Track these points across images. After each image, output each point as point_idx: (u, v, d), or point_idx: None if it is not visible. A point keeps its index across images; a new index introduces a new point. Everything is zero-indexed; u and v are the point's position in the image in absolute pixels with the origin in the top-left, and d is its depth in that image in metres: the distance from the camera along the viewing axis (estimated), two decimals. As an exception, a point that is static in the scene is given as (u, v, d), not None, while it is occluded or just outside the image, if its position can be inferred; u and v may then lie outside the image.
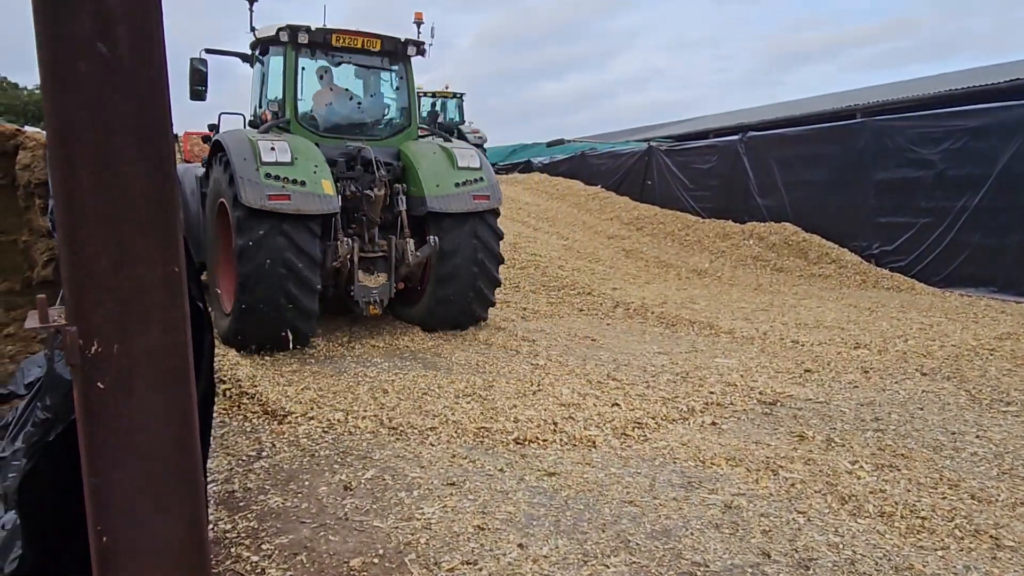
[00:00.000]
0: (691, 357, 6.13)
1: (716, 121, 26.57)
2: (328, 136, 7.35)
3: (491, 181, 7.27)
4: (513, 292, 9.52)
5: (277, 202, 5.98)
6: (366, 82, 8.01)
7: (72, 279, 1.47)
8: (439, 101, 20.20)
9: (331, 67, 7.61)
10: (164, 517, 1.64)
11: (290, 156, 6.26)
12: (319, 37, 7.11)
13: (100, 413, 1.52)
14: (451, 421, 4.34)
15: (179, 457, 1.63)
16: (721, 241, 12.72)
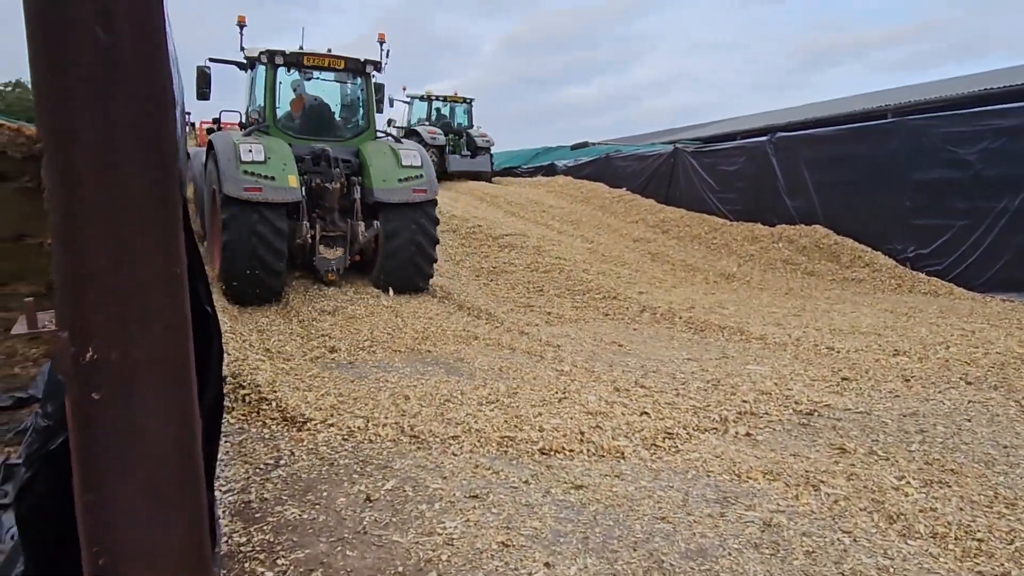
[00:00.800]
0: (722, 364, 5.93)
1: (743, 123, 26.22)
2: (300, 137, 9.03)
3: (429, 177, 8.91)
4: (537, 296, 9.38)
5: (251, 193, 7.63)
6: (332, 93, 9.86)
7: (67, 281, 1.35)
8: (448, 106, 20.60)
9: (303, 81, 9.47)
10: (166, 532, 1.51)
11: (264, 156, 7.90)
12: (293, 59, 9.01)
13: (96, 425, 1.39)
14: (474, 430, 4.20)
15: (181, 468, 1.51)
16: (749, 244, 12.47)
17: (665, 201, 15.43)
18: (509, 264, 10.72)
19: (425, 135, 18.03)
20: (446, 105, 20.52)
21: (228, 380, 5.16)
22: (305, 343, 6.75)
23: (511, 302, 9.07)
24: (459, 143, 19.46)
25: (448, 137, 19.06)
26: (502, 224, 12.81)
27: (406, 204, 8.64)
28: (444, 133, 18.92)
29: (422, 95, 20.20)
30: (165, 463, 1.49)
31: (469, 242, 11.84)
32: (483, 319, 7.99)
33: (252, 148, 7.90)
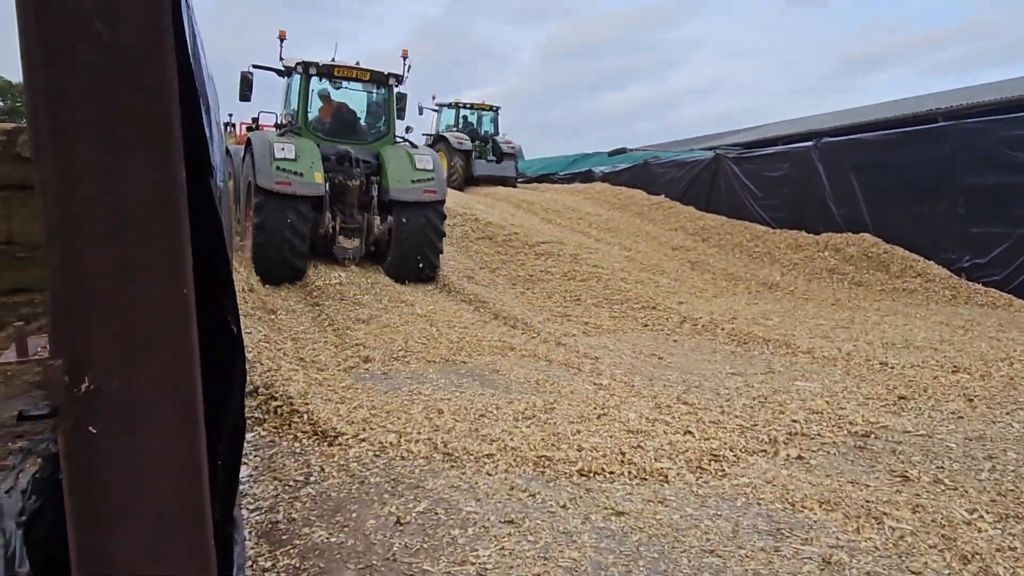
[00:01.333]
0: (768, 379, 5.67)
1: (785, 128, 25.69)
2: (327, 139, 10.15)
3: (440, 180, 10.00)
4: (574, 305, 9.19)
5: (281, 186, 8.72)
6: (358, 101, 11.00)
7: (65, 304, 1.23)
8: (476, 114, 21.08)
9: (332, 90, 10.58)
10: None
11: (294, 155, 8.95)
12: (324, 69, 10.10)
13: (94, 462, 1.27)
14: (509, 447, 4.03)
15: (189, 508, 1.37)
16: (793, 253, 12.10)
17: (705, 208, 15.11)
18: (545, 272, 10.55)
19: (453, 141, 18.58)
20: (473, 113, 21.02)
21: (260, 391, 5.09)
22: (339, 352, 6.67)
23: (547, 311, 8.90)
24: (485, 149, 20.01)
25: (475, 143, 19.53)
26: (539, 231, 12.65)
27: (417, 203, 9.71)
28: (471, 139, 19.38)
29: (450, 103, 20.75)
30: (171, 503, 1.35)
31: (505, 250, 11.70)
32: (519, 329, 7.83)
33: (284, 147, 8.97)
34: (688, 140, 32.78)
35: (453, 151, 18.50)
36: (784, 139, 21.10)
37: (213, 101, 2.21)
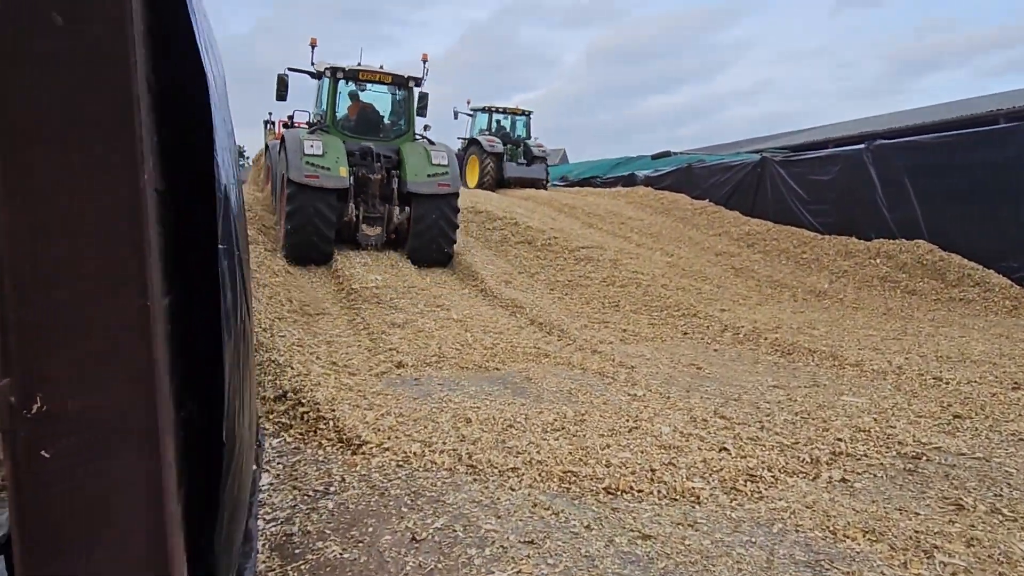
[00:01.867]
0: (812, 393, 5.41)
1: (834, 130, 24.98)
2: (352, 136, 11.19)
3: (454, 174, 10.84)
4: (612, 312, 9.00)
5: (310, 179, 9.76)
6: (381, 102, 12.09)
7: (17, 318, 1.14)
8: (509, 118, 21.72)
9: (358, 91, 11.73)
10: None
11: (322, 151, 9.98)
12: (350, 73, 11.23)
13: (47, 490, 1.17)
14: (535, 461, 3.89)
15: (154, 541, 1.27)
16: (843, 259, 11.67)
17: (750, 213, 14.72)
18: (585, 277, 10.38)
19: (485, 144, 19.48)
20: (506, 117, 21.66)
21: (289, 396, 5.06)
22: (372, 357, 6.62)
23: (585, 317, 8.73)
24: (516, 152, 20.61)
25: (507, 146, 20.24)
26: (579, 236, 12.48)
27: (433, 195, 10.64)
28: (503, 143, 20.11)
29: (484, 107, 21.42)
30: (134, 536, 1.25)
31: (545, 254, 11.57)
32: (555, 335, 7.68)
33: (313, 144, 10.03)
34: (733, 143, 32.15)
35: (485, 154, 19.37)
36: (833, 142, 20.49)
37: (222, 100, 2.13)
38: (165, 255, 1.62)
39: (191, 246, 1.77)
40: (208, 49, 1.86)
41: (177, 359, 1.72)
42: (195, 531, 1.76)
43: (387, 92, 11.95)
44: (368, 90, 11.83)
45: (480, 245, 12.29)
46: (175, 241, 1.75)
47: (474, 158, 20.20)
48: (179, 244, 1.76)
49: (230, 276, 1.71)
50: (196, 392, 1.81)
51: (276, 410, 4.94)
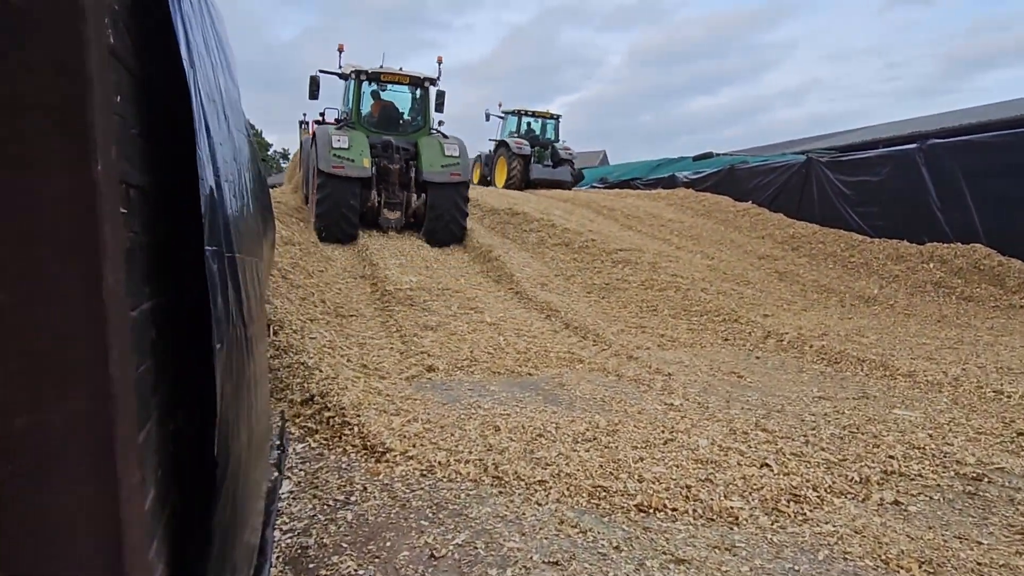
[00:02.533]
0: (861, 406, 5.11)
1: (884, 130, 24.15)
2: (374, 131, 12.50)
3: (464, 165, 12.12)
4: (650, 316, 8.75)
5: (336, 169, 11.06)
6: (401, 100, 13.41)
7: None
8: (539, 121, 22.47)
9: (380, 91, 13.03)
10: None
11: (348, 144, 11.28)
12: (372, 75, 12.61)
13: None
14: (564, 474, 3.71)
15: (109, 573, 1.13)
16: (893, 264, 11.20)
17: (796, 215, 14.27)
18: (622, 281, 10.14)
19: (512, 145, 20.27)
20: (536, 120, 22.41)
21: (316, 399, 4.97)
22: (403, 360, 6.52)
23: (622, 322, 8.50)
24: (544, 154, 21.25)
25: (534, 149, 20.96)
26: (617, 238, 12.24)
27: (446, 183, 11.89)
28: (531, 145, 20.83)
29: (514, 111, 22.21)
30: (88, 570, 1.12)
31: (581, 256, 11.36)
32: (590, 340, 7.48)
33: (340, 138, 11.33)
34: (778, 144, 31.39)
35: (513, 155, 20.20)
36: (883, 142, 19.79)
37: (219, 94, 2.01)
38: (150, 256, 1.50)
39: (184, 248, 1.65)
40: (199, 38, 1.73)
41: (165, 368, 1.60)
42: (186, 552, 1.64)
43: (406, 91, 13.34)
44: (389, 90, 13.19)
45: (516, 247, 12.15)
46: (165, 242, 1.63)
47: (503, 159, 20.95)
48: (171, 245, 1.64)
49: (221, 280, 1.58)
50: (187, 404, 1.68)
51: (303, 414, 4.86)
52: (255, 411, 2.16)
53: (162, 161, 1.63)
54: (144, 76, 1.53)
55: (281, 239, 9.98)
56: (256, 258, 2.66)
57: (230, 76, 2.42)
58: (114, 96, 1.24)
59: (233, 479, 1.71)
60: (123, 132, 1.30)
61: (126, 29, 1.37)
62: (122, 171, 1.26)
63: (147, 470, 1.35)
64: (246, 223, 2.35)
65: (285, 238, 10.20)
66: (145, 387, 1.40)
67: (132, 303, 1.32)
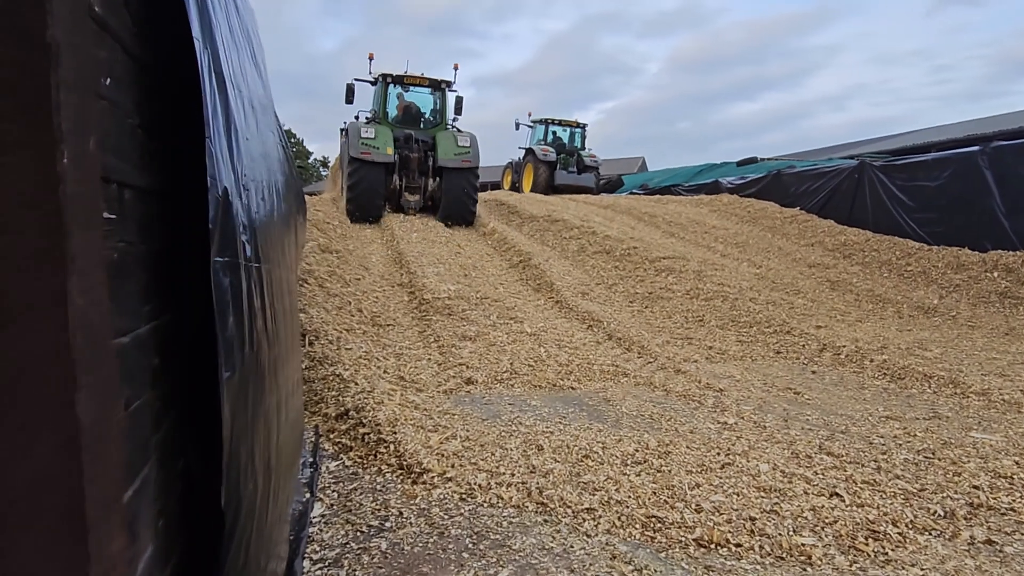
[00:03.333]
0: (933, 427, 4.73)
1: (938, 133, 23.30)
2: (398, 126, 14.58)
3: (475, 153, 13.84)
4: (697, 327, 8.41)
5: (364, 155, 13.00)
6: (422, 100, 15.54)
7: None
8: (567, 130, 23.78)
9: (404, 92, 15.29)
10: None
11: (374, 135, 13.17)
12: (397, 78, 14.92)
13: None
14: (614, 501, 3.43)
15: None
16: (954, 273, 10.64)
17: (847, 222, 13.73)
18: (666, 290, 9.80)
19: (539, 152, 21.68)
20: (563, 129, 23.68)
21: (351, 414, 4.78)
22: (441, 372, 6.31)
23: (667, 333, 8.18)
24: (569, 160, 22.35)
25: (560, 156, 22.14)
26: (660, 246, 11.89)
27: (458, 168, 13.78)
28: (557, 152, 22.08)
29: (542, 119, 23.64)
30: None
31: (623, 265, 11.05)
32: (634, 352, 7.18)
33: (368, 130, 13.31)
34: (825, 149, 30.59)
35: (539, 161, 21.59)
36: (937, 146, 19.05)
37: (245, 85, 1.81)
38: (153, 269, 1.29)
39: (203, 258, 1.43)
40: (220, 20, 1.52)
41: (172, 399, 1.39)
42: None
43: (426, 92, 15.43)
44: (411, 91, 15.40)
45: (557, 255, 11.89)
46: (178, 252, 1.42)
47: (530, 165, 22.28)
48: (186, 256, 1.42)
49: (235, 296, 1.36)
50: (197, 438, 1.47)
51: (337, 429, 4.67)
52: (280, 438, 1.95)
53: (176, 159, 1.43)
54: (154, 62, 1.32)
55: (318, 247, 9.89)
56: (286, 268, 2.45)
57: (257, 71, 2.22)
58: (100, 76, 1.03)
59: (248, 519, 1.49)
60: (113, 121, 1.08)
61: (125, 3, 1.16)
62: (109, 167, 1.05)
63: (140, 526, 1.13)
64: (276, 230, 2.14)
65: (323, 246, 10.10)
66: (141, 426, 1.18)
67: (123, 326, 1.10)
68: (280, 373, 1.95)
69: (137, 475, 1.12)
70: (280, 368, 1.96)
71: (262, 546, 1.63)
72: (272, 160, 2.42)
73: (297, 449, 3.02)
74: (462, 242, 12.29)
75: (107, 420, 0.93)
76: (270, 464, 1.66)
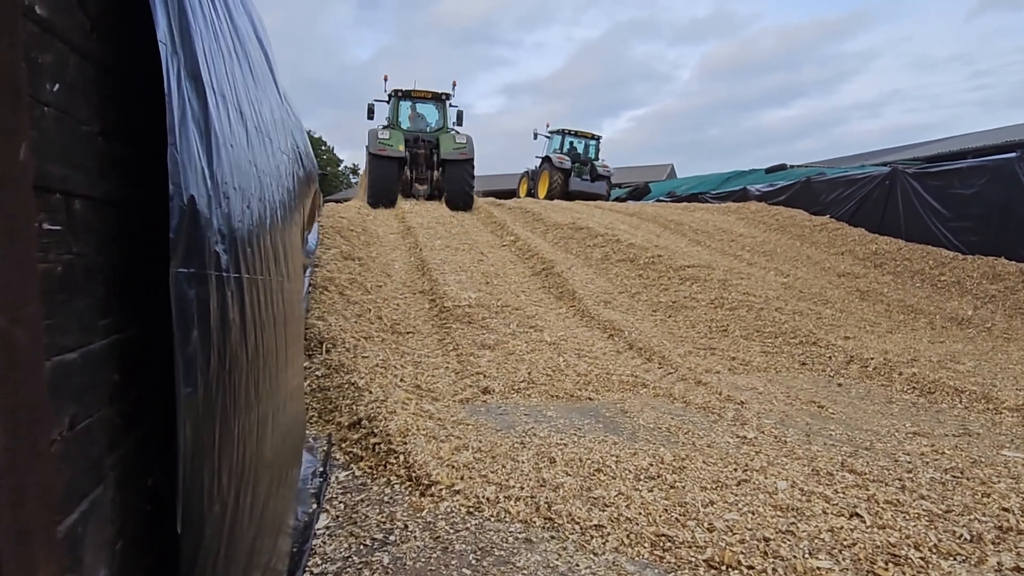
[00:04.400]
0: (963, 444, 4.55)
1: (974, 140, 22.76)
2: (408, 131, 17.96)
3: (470, 147, 16.65)
4: (720, 337, 8.25)
5: (380, 151, 16.13)
6: (427, 109, 19.03)
7: None
8: (582, 141, 25.54)
9: (412, 103, 18.83)
10: None
11: (388, 136, 16.43)
12: (405, 93, 18.52)
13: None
14: (624, 518, 3.34)
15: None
16: (989, 283, 10.32)
17: (878, 230, 13.43)
18: (690, 299, 9.65)
19: (555, 160, 23.24)
20: (579, 140, 25.50)
21: (363, 423, 4.74)
22: (458, 380, 6.26)
23: (689, 343, 8.03)
24: (583, 169, 23.79)
25: (575, 165, 23.68)
26: (685, 254, 11.73)
27: (456, 160, 16.76)
28: (572, 161, 23.63)
29: (559, 130, 25.48)
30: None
31: (647, 273, 10.91)
32: (655, 362, 7.05)
33: (384, 133, 16.63)
34: (857, 156, 30.06)
35: (555, 169, 23.12)
36: (973, 152, 18.60)
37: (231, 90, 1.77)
38: (111, 282, 1.24)
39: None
40: (199, 24, 1.48)
41: (135, 416, 1.35)
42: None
43: (430, 103, 18.99)
44: (417, 102, 19.00)
45: (580, 262, 11.79)
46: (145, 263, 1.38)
47: (546, 173, 23.74)
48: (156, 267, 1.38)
49: (200, 309, 1.31)
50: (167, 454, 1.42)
51: (349, 438, 4.64)
52: (265, 451, 1.90)
53: (144, 168, 1.38)
54: (114, 65, 1.28)
55: (340, 254, 9.92)
56: (286, 277, 2.41)
57: (254, 78, 2.19)
58: (43, 81, 0.99)
59: (215, 540, 1.43)
60: (60, 128, 1.04)
61: (78, 1, 1.12)
62: (51, 176, 1.00)
63: (86, 550, 1.08)
64: (272, 239, 2.10)
65: (345, 253, 10.14)
66: (92, 445, 1.13)
67: (68, 342, 1.05)
68: (267, 385, 1.90)
69: (84, 497, 1.08)
70: (268, 380, 1.92)
71: (236, 566, 1.57)
72: (272, 168, 2.38)
73: (292, 459, 2.98)
74: (485, 249, 12.25)
75: (32, 444, 0.88)
76: (248, 481, 1.61)
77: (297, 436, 3.13)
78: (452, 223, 14.24)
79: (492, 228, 14.68)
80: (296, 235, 3.27)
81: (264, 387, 1.86)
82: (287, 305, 2.45)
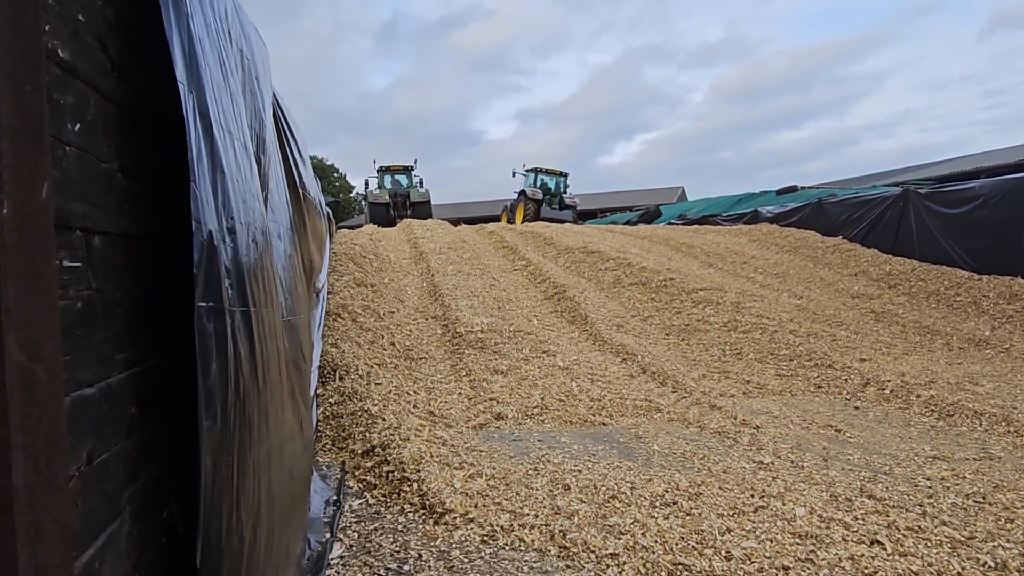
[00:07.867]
0: (985, 468, 4.47)
1: (987, 159, 22.69)
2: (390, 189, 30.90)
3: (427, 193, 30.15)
4: (734, 360, 8.19)
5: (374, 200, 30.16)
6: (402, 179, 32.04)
7: None
8: (553, 178, 31.52)
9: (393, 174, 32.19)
10: None
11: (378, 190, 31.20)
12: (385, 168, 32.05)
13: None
14: (639, 547, 3.30)
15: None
16: (1006, 303, 10.21)
17: (891, 251, 13.35)
18: (703, 322, 9.60)
19: (529, 193, 28.75)
20: (550, 177, 31.47)
21: (376, 451, 4.73)
22: (472, 407, 6.24)
23: (703, 366, 7.98)
24: (553, 200, 29.68)
25: (545, 197, 29.31)
26: (697, 277, 11.70)
27: (420, 202, 28.94)
28: (544, 193, 29.38)
29: (532, 168, 31.42)
30: None
31: (659, 296, 10.88)
32: (669, 386, 7.01)
33: (377, 190, 30.61)
34: (869, 176, 30.01)
35: (528, 200, 28.37)
36: (988, 172, 18.52)
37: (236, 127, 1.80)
38: (130, 316, 1.26)
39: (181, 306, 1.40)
40: (211, 63, 1.52)
41: (153, 446, 1.35)
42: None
43: (402, 173, 30.73)
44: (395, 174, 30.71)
45: (592, 287, 11.78)
46: (164, 296, 1.40)
47: (521, 203, 28.87)
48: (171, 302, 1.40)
49: (218, 343, 1.32)
50: (184, 487, 1.42)
51: (363, 466, 4.63)
52: (273, 486, 1.90)
53: (161, 203, 1.41)
54: (137, 106, 1.31)
55: (353, 281, 9.98)
56: (287, 311, 2.43)
57: (256, 111, 2.23)
58: (64, 122, 1.01)
59: (234, 574, 1.43)
60: (81, 167, 1.06)
61: (99, 44, 1.15)
62: (71, 214, 1.02)
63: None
64: (273, 272, 2.12)
65: (358, 280, 10.19)
66: (109, 479, 1.14)
67: (87, 377, 1.06)
68: (273, 419, 1.91)
69: (101, 532, 1.08)
70: (273, 414, 1.92)
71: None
72: (272, 201, 2.41)
73: (299, 496, 2.97)
74: (497, 274, 12.27)
75: (51, 480, 0.88)
76: (261, 514, 1.61)
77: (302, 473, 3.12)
78: (463, 248, 14.18)
79: (504, 252, 14.71)
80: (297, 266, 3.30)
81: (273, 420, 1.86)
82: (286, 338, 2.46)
